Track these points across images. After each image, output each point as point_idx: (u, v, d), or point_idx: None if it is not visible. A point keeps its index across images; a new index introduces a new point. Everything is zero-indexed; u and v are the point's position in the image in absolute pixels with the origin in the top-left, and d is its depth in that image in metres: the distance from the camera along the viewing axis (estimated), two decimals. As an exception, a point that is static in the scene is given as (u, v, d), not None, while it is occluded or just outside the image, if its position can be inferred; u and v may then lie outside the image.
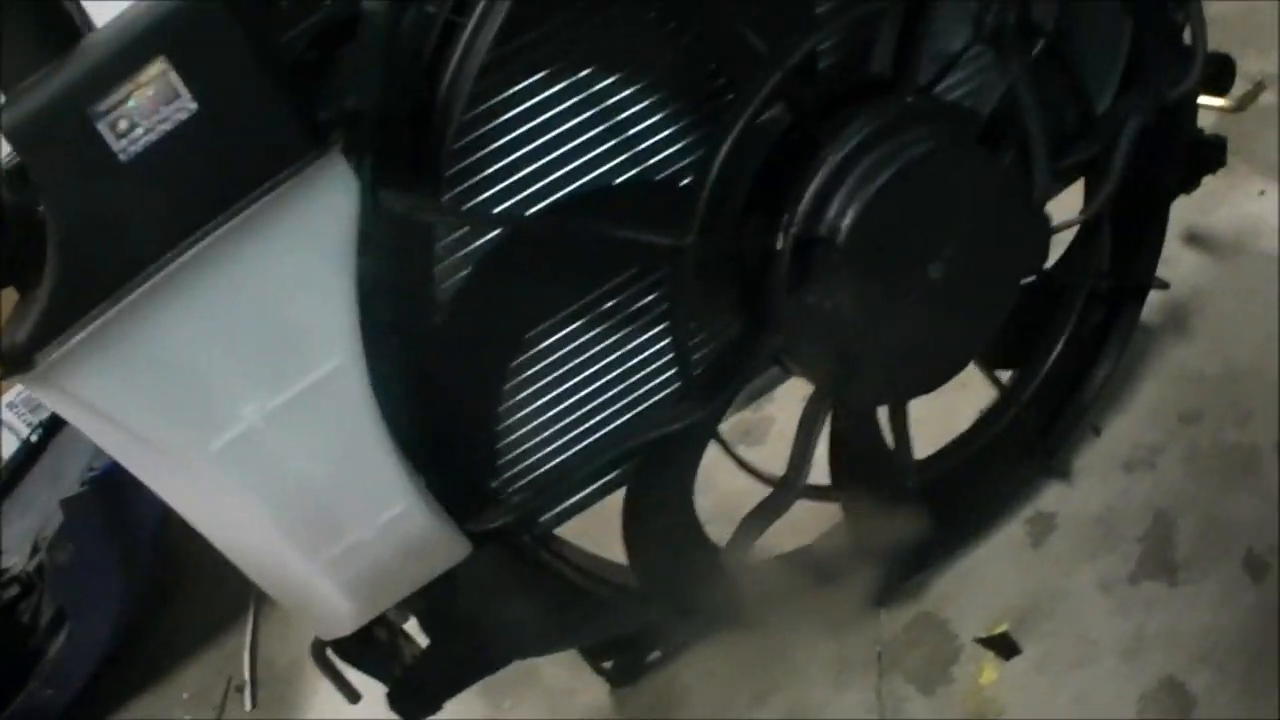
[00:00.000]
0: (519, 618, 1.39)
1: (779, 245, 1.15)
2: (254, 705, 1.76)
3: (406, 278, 1.06)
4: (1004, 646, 1.58)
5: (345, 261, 1.01)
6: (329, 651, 1.29)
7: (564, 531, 1.42)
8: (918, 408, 1.65)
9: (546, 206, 1.16)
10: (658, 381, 1.31)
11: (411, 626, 1.39)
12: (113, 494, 1.67)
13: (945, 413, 1.70)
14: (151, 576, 1.91)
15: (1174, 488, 1.71)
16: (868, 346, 1.25)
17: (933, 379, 1.37)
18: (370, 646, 1.32)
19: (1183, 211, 2.04)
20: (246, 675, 1.79)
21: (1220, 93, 1.71)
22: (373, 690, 1.37)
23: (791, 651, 1.63)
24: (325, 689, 1.33)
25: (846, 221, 1.14)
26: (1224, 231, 2.11)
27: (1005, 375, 1.67)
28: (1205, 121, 2.19)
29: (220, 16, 0.90)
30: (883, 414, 1.46)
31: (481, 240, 1.14)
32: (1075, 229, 1.53)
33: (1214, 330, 1.93)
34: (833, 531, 1.64)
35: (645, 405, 1.30)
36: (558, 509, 1.38)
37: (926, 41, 1.30)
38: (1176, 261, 2.06)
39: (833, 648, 1.63)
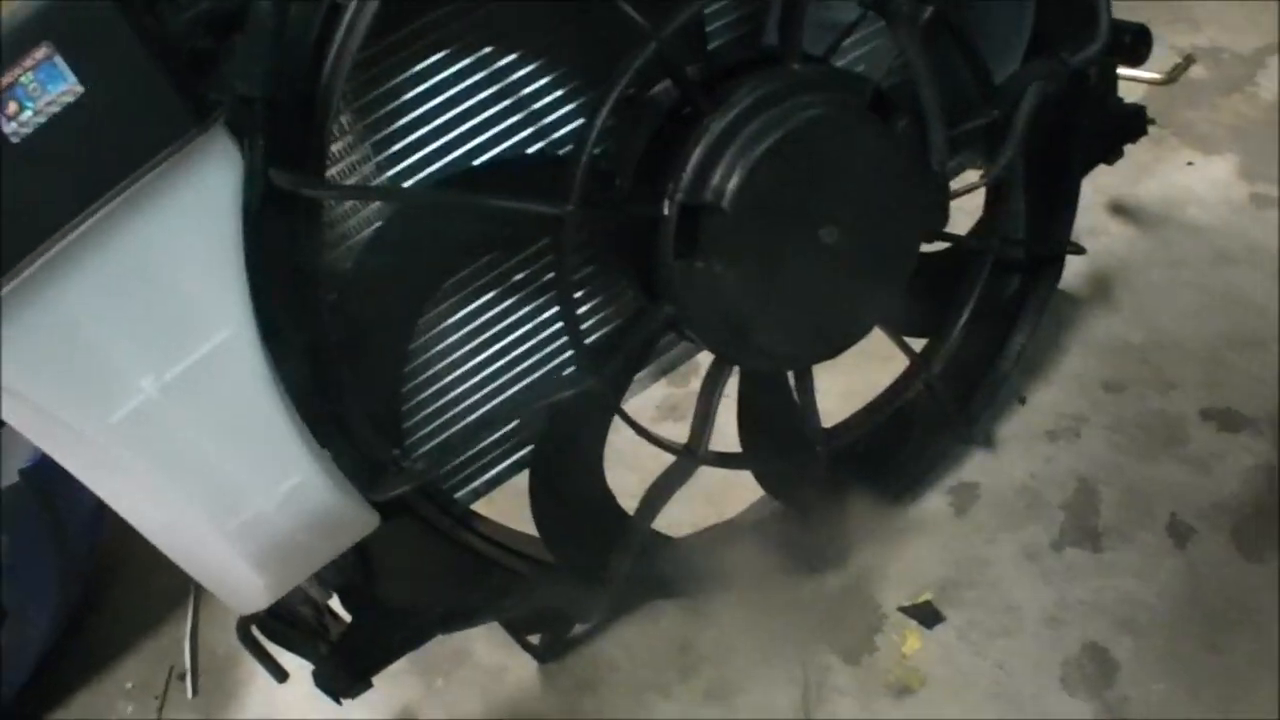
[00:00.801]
0: (435, 592, 1.45)
1: (665, 212, 1.19)
2: (195, 693, 1.80)
3: (296, 253, 1.10)
4: (927, 615, 1.63)
5: (231, 236, 1.04)
6: (255, 630, 1.35)
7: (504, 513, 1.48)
8: (849, 378, 1.73)
9: (436, 180, 1.21)
10: (552, 349, 1.36)
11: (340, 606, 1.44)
12: (46, 484, 1.67)
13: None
14: (90, 567, 1.92)
15: (1098, 456, 1.77)
16: (761, 312, 1.28)
17: (833, 345, 1.40)
18: (295, 625, 1.37)
19: (1111, 181, 2.12)
20: (187, 664, 1.82)
21: (1136, 62, 1.77)
22: (307, 671, 1.40)
23: (716, 623, 1.67)
24: (265, 674, 1.36)
25: (731, 186, 1.17)
26: (1151, 202, 2.17)
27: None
28: (1136, 94, 2.29)
29: (105, 3, 0.97)
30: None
31: (376, 215, 1.22)
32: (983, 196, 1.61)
33: (1139, 300, 1.99)
34: (758, 503, 1.73)
35: (542, 374, 1.35)
36: (474, 483, 1.43)
37: (822, 12, 1.38)
38: (1103, 231, 2.13)
39: (758, 619, 1.67)
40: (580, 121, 1.26)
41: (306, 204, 1.09)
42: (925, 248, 1.46)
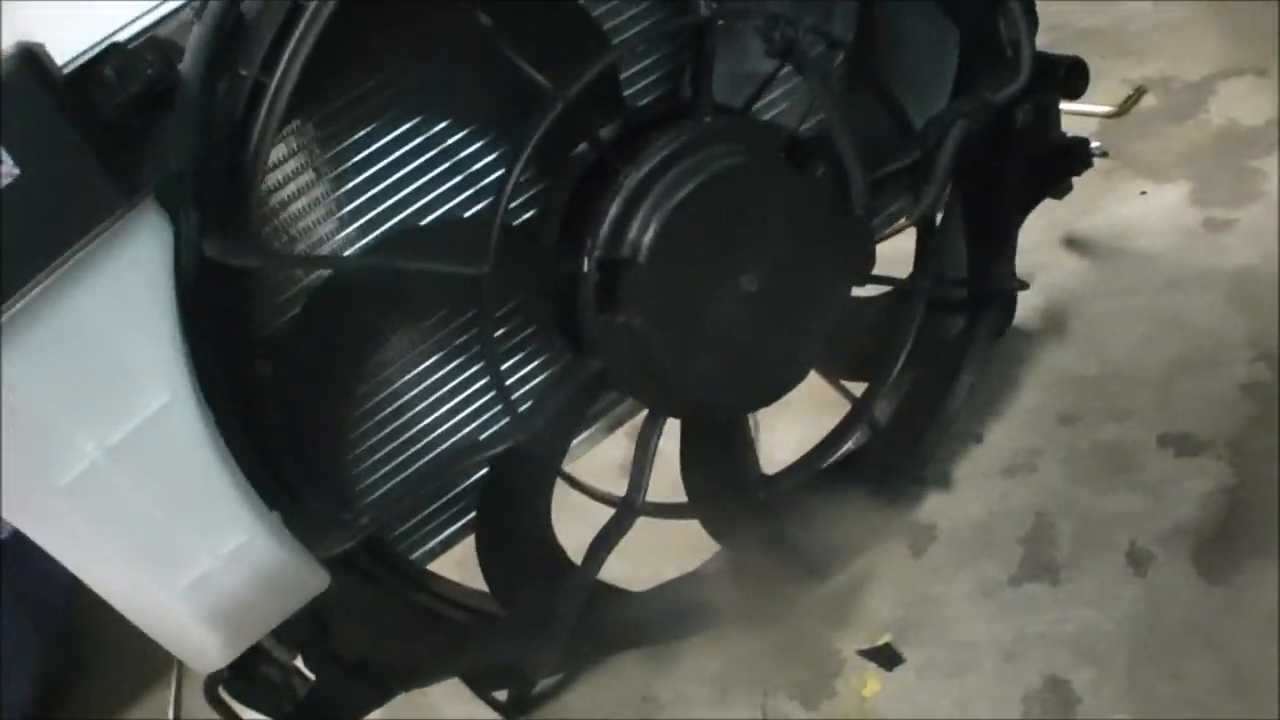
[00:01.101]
0: (392, 650, 1.47)
1: (584, 268, 1.24)
2: (179, 763, 1.86)
3: (232, 320, 1.15)
4: (886, 657, 1.65)
5: (165, 305, 1.09)
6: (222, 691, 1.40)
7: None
8: (806, 427, 1.77)
9: (365, 245, 1.26)
10: (490, 404, 1.42)
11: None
12: (21, 555, 1.70)
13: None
14: (69, 639, 1.96)
15: (1054, 489, 1.79)
16: (687, 363, 1.32)
17: (767, 393, 1.43)
18: (261, 684, 1.38)
19: (1064, 216, 2.16)
20: (173, 730, 1.88)
21: (1073, 95, 1.83)
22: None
23: (676, 673, 1.69)
24: (247, 742, 1.39)
25: (647, 240, 1.22)
26: (1104, 233, 2.21)
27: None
28: (1089, 127, 2.36)
29: (37, 91, 1.04)
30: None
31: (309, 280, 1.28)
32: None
33: (1092, 331, 2.01)
34: (718, 553, 1.77)
35: (480, 429, 1.40)
36: (429, 543, 1.47)
37: (742, 63, 1.44)
38: (1056, 266, 2.18)
39: (716, 666, 1.70)
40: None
41: (238, 272, 1.14)
42: (861, 291, 1.53)
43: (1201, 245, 2.14)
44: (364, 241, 1.29)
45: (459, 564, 1.54)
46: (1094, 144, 2.22)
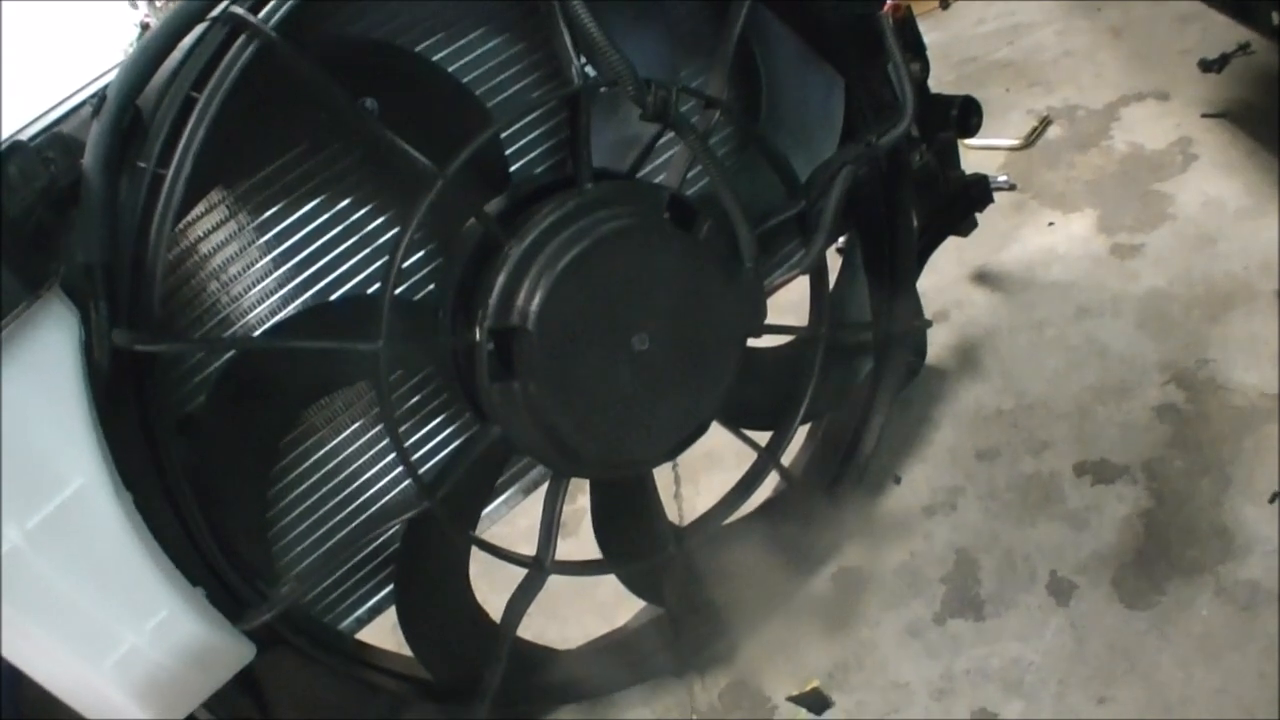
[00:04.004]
0: (327, 717, 1.57)
1: (477, 339, 1.33)
2: None
3: (144, 404, 1.24)
4: (816, 702, 1.74)
5: (75, 391, 1.18)
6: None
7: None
8: (730, 475, 1.86)
9: (268, 329, 1.36)
10: (396, 474, 1.51)
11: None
12: None
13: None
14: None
15: (975, 526, 1.91)
16: (585, 425, 1.41)
17: (669, 448, 1.53)
18: None
19: (975, 252, 2.32)
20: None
21: (968, 133, 1.97)
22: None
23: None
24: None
25: (534, 307, 1.32)
26: (1015, 267, 2.34)
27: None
28: (997, 161, 2.53)
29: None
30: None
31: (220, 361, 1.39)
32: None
33: (1007, 366, 2.14)
34: (645, 609, 1.87)
35: (390, 499, 1.49)
36: (357, 611, 1.56)
37: (625, 129, 1.57)
38: (969, 302, 2.32)
39: (649, 715, 1.79)
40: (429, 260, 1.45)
41: (148, 357, 1.24)
42: (760, 341, 1.65)
43: (1111, 272, 2.30)
44: (274, 320, 1.38)
45: (395, 628, 1.61)
46: (1001, 177, 2.40)
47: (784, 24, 1.66)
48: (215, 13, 1.24)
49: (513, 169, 1.45)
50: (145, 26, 6.01)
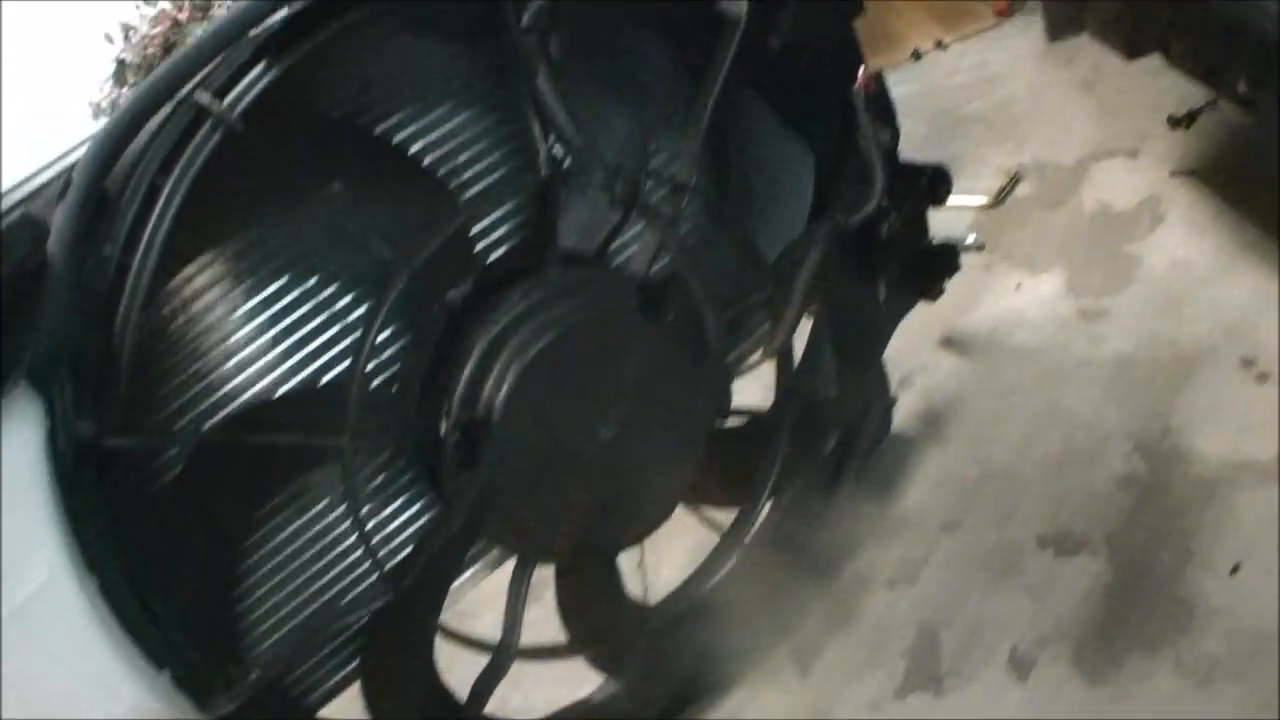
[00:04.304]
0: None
1: (442, 431, 1.36)
2: None
3: (109, 490, 1.24)
4: None
5: (38, 485, 1.19)
6: None
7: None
8: (693, 538, 1.90)
9: (231, 417, 1.36)
10: (359, 558, 1.51)
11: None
12: None
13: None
14: None
15: (937, 598, 1.91)
16: (549, 512, 1.42)
17: (635, 532, 1.54)
18: None
19: (942, 315, 2.32)
20: None
21: (938, 202, 2.00)
22: None
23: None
24: None
25: (501, 399, 1.34)
26: (981, 331, 2.36)
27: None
28: (965, 219, 2.55)
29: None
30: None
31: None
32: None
33: (971, 433, 2.15)
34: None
35: (355, 583, 1.50)
36: (325, 685, 1.56)
37: (593, 210, 1.58)
38: (934, 367, 2.34)
39: None
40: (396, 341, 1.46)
41: (110, 451, 1.24)
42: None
43: (1077, 336, 2.31)
44: (247, 394, 1.39)
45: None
46: (970, 238, 2.41)
47: (757, 95, 1.67)
48: (180, 96, 1.23)
49: (479, 247, 1.45)
50: (122, 63, 6.00)
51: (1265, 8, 1.44)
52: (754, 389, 1.84)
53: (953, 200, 2.39)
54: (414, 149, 1.41)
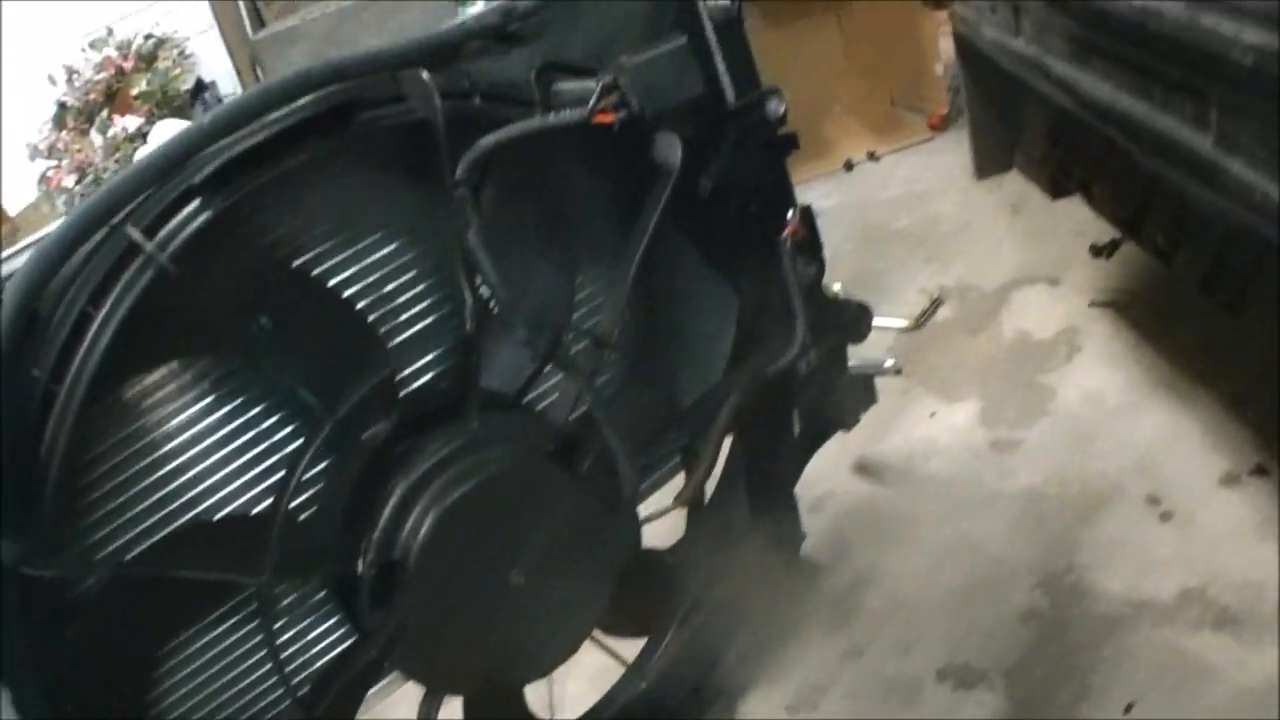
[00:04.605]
0: None
1: (359, 570, 1.40)
2: None
3: (25, 609, 1.27)
4: None
5: None
6: None
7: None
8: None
9: (153, 545, 1.39)
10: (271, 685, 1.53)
11: None
12: None
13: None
14: None
15: None
16: (460, 650, 1.47)
17: (543, 666, 1.59)
18: None
19: (857, 440, 2.40)
20: None
21: (858, 340, 2.07)
22: None
23: None
24: None
25: (418, 544, 1.39)
26: (894, 457, 2.43)
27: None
28: (886, 340, 2.62)
29: None
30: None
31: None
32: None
33: (879, 560, 2.21)
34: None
35: (268, 710, 1.52)
36: None
37: (514, 350, 1.62)
38: (846, 492, 2.39)
39: None
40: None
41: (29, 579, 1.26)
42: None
43: (989, 467, 2.39)
44: (161, 532, 1.42)
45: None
46: (889, 361, 2.49)
47: (682, 236, 1.72)
48: (113, 222, 1.28)
49: (403, 391, 1.49)
50: (63, 105, 5.97)
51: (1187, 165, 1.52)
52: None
53: (874, 321, 2.47)
54: (347, 291, 1.45)
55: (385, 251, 1.52)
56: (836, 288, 2.29)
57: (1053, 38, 1.67)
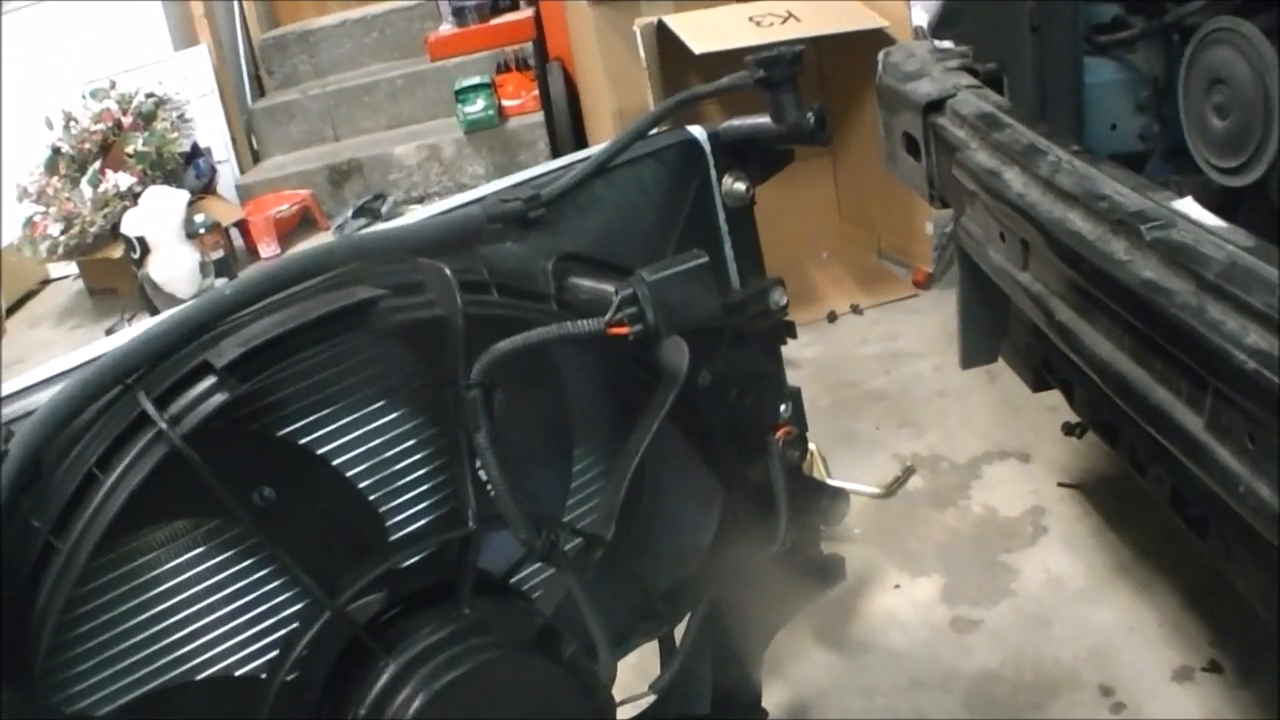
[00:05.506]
0: None
1: None
2: None
3: None
4: None
5: None
6: None
7: None
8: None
9: (137, 700, 1.43)
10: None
11: None
12: None
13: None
14: None
15: None
16: None
17: None
18: None
19: (819, 606, 2.48)
20: None
21: (830, 525, 2.16)
22: None
23: None
24: None
25: None
26: (856, 628, 2.53)
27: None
28: (855, 505, 2.70)
29: None
30: None
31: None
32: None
33: None
34: None
35: None
36: None
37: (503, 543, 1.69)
38: (806, 659, 2.49)
39: None
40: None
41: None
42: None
43: (947, 645, 2.48)
44: (146, 686, 1.46)
45: None
46: (856, 531, 2.58)
47: (674, 426, 1.79)
48: (126, 383, 1.32)
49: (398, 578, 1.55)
50: (57, 151, 6.02)
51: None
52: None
53: (847, 484, 2.56)
54: (352, 470, 1.51)
55: (386, 420, 1.58)
56: (812, 447, 2.38)
57: (1059, 282, 1.75)
